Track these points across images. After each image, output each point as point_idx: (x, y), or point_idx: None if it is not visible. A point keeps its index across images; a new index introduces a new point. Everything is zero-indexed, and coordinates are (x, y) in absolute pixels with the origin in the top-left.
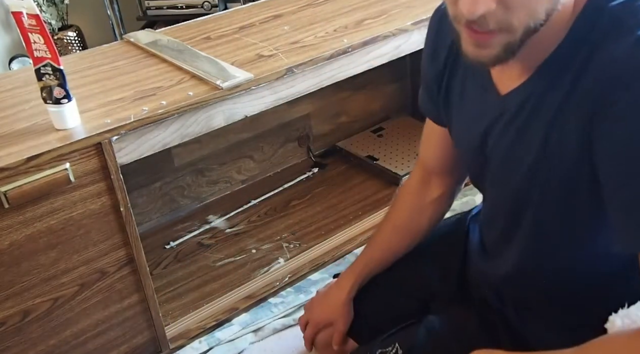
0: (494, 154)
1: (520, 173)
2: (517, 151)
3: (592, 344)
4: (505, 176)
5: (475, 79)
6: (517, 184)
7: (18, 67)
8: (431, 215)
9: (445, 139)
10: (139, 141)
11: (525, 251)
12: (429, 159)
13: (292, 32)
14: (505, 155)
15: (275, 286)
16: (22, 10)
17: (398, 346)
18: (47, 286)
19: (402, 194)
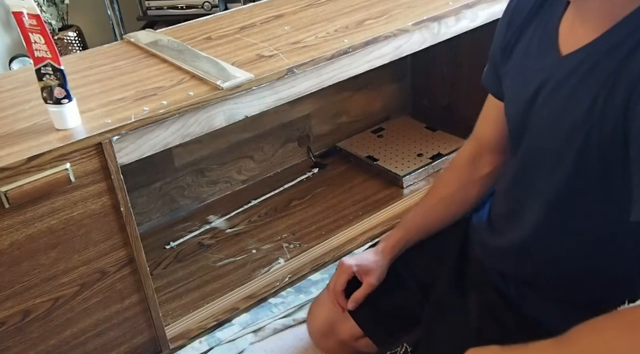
0: (540, 112)
1: (561, 133)
2: (563, 111)
3: (579, 332)
4: (545, 135)
5: (543, 39)
6: (555, 144)
7: (18, 67)
8: (479, 190)
9: (497, 113)
10: (140, 141)
11: (540, 223)
12: (484, 134)
13: (293, 32)
14: (550, 113)
15: (275, 286)
16: (22, 10)
17: (406, 345)
18: (48, 286)
19: (452, 167)
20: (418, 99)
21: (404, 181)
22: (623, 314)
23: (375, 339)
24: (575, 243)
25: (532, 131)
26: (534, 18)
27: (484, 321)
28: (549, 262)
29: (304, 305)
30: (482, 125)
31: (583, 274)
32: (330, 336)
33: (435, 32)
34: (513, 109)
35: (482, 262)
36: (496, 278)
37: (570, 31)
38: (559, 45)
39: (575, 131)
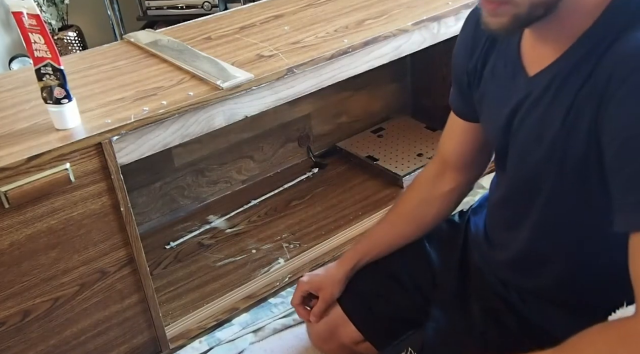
0: (519, 132)
1: (541, 150)
2: (540, 128)
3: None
4: (527, 152)
5: (507, 61)
6: (537, 161)
7: (18, 67)
8: (439, 207)
9: (466, 133)
10: (140, 141)
11: (535, 234)
12: (447, 151)
13: (292, 32)
14: (529, 132)
15: (275, 286)
16: (22, 10)
17: (411, 349)
18: (48, 286)
19: (415, 183)
20: (418, 99)
21: (404, 181)
22: (615, 327)
23: (376, 343)
24: (570, 255)
25: (514, 152)
26: (495, 41)
27: (487, 326)
28: (547, 273)
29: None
30: (444, 142)
31: (582, 281)
32: (330, 340)
33: (435, 32)
34: (493, 134)
35: (482, 269)
36: (497, 285)
37: (533, 52)
38: (525, 67)
39: (552, 150)
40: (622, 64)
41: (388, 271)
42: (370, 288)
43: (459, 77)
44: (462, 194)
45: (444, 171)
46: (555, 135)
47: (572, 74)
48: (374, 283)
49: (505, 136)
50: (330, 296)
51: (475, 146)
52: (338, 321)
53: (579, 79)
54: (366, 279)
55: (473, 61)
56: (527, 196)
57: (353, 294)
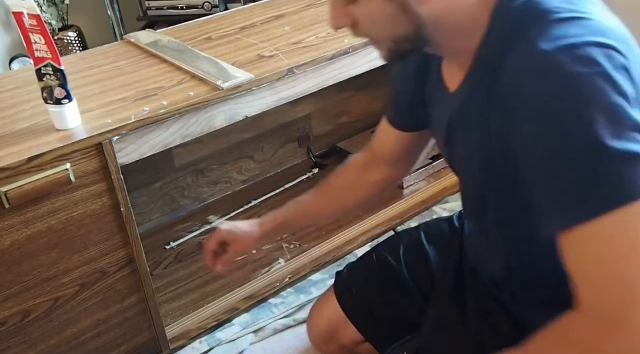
0: (455, 146)
1: (476, 166)
2: (467, 140)
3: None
4: (467, 167)
5: (436, 82)
6: (476, 176)
7: (18, 67)
8: (363, 194)
9: (395, 139)
10: (140, 141)
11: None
12: (377, 148)
13: (293, 32)
14: (461, 145)
15: (275, 286)
16: (22, 10)
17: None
18: (48, 286)
19: (346, 167)
20: None
21: (404, 181)
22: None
23: (377, 344)
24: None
25: (458, 165)
26: (428, 63)
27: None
28: (531, 276)
29: (304, 305)
30: (376, 140)
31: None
32: (330, 341)
33: None
34: (441, 149)
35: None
36: (491, 286)
37: (448, 71)
38: (446, 85)
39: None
40: (514, 78)
41: (388, 272)
42: (371, 288)
43: (396, 93)
44: (387, 187)
45: (373, 163)
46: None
47: (476, 90)
48: (373, 283)
49: (450, 151)
50: (243, 250)
51: (403, 150)
52: (338, 322)
53: (483, 93)
54: (366, 279)
55: (410, 82)
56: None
57: (353, 295)
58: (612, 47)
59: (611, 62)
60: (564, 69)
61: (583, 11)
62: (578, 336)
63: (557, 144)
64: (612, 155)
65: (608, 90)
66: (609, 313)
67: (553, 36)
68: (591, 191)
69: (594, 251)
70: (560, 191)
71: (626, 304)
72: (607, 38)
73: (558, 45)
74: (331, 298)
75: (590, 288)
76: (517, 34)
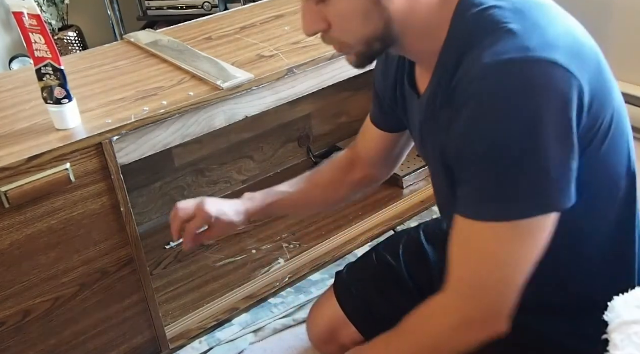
0: (427, 151)
1: (440, 171)
2: (435, 149)
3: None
4: (435, 172)
5: (408, 85)
6: (442, 181)
7: (18, 67)
8: (345, 193)
9: (378, 140)
10: (140, 141)
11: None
12: (360, 148)
13: (293, 32)
14: (432, 153)
15: (275, 286)
16: (23, 10)
17: None
18: (48, 286)
19: (331, 164)
20: None
21: (404, 181)
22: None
23: None
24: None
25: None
26: (404, 67)
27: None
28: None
29: (304, 305)
30: (360, 140)
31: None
32: (331, 341)
33: None
34: (422, 158)
35: None
36: None
37: (420, 75)
38: (418, 88)
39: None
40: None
41: (388, 272)
42: (371, 288)
43: (379, 96)
44: (369, 186)
45: (356, 162)
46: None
47: (437, 93)
48: (373, 283)
49: (424, 154)
50: (221, 235)
51: (385, 150)
52: (339, 322)
53: (442, 96)
54: (366, 279)
55: (390, 87)
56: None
57: (353, 295)
58: (555, 63)
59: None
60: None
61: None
62: (437, 311)
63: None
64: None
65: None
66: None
67: (498, 49)
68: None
69: (476, 245)
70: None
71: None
72: (554, 52)
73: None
74: (331, 298)
75: (458, 270)
76: (472, 43)
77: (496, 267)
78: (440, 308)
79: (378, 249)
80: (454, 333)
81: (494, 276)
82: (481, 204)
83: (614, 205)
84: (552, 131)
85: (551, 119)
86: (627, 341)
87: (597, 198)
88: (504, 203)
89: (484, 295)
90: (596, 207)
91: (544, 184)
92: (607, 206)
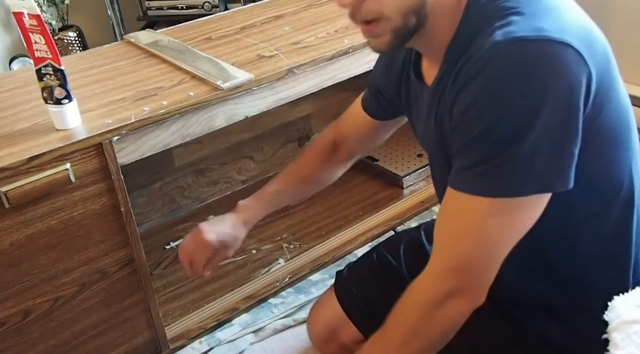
0: (429, 141)
1: (440, 158)
2: (436, 138)
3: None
4: (435, 163)
5: (414, 77)
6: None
7: (18, 67)
8: (336, 173)
9: (367, 125)
10: (140, 141)
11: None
12: (345, 129)
13: (293, 32)
14: (433, 138)
15: (275, 286)
16: (23, 10)
17: None
18: (48, 286)
19: (316, 149)
20: None
21: (404, 181)
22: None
23: None
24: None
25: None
26: (410, 66)
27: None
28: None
29: (304, 305)
30: (346, 122)
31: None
32: (331, 341)
33: None
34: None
35: None
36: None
37: (427, 67)
38: (425, 81)
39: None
40: (471, 62)
41: (389, 271)
42: (371, 287)
43: (377, 88)
44: (351, 162)
45: (342, 141)
46: (436, 146)
47: (444, 82)
48: (374, 282)
49: (426, 145)
50: (232, 254)
51: (369, 133)
52: (339, 322)
53: (448, 85)
54: (366, 279)
55: (394, 81)
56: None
57: (354, 295)
58: (568, 45)
59: (560, 60)
60: (512, 58)
61: (546, 7)
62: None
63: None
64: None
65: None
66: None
67: (510, 29)
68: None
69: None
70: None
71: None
72: (567, 35)
73: (512, 37)
74: (331, 297)
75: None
76: (483, 27)
77: (480, 241)
78: (425, 279)
79: (379, 249)
80: (437, 303)
81: (477, 249)
82: (473, 178)
83: (614, 203)
84: (555, 113)
85: (556, 101)
86: (627, 340)
87: (596, 193)
88: (497, 179)
89: (466, 267)
90: (596, 203)
91: (538, 165)
92: (607, 203)
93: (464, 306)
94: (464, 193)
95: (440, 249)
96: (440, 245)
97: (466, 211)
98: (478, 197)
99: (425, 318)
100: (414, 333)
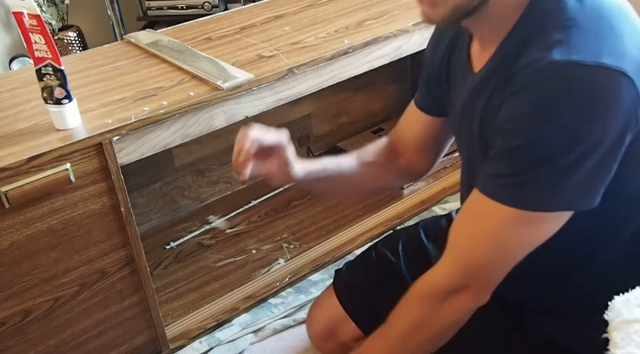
0: (462, 126)
1: (476, 152)
2: (472, 128)
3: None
4: (467, 153)
5: (461, 65)
6: (470, 158)
7: (18, 67)
8: (390, 179)
9: (422, 123)
10: (140, 142)
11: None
12: (401, 134)
13: (293, 32)
14: (466, 132)
15: (275, 286)
16: (23, 10)
17: None
18: (48, 286)
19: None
20: None
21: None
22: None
23: None
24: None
25: (461, 147)
26: (454, 49)
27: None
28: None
29: (304, 305)
30: (401, 127)
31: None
32: (330, 339)
33: None
34: (454, 131)
35: None
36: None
37: (477, 52)
38: (472, 65)
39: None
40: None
41: (387, 268)
42: (370, 284)
43: (429, 76)
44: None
45: (398, 149)
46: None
47: (495, 72)
48: (373, 279)
49: (458, 133)
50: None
51: (428, 135)
52: (338, 319)
53: (499, 77)
54: (365, 276)
55: (437, 63)
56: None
57: (353, 292)
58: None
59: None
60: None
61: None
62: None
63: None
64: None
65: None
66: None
67: (569, 49)
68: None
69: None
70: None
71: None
72: (623, 61)
73: (569, 59)
74: (330, 295)
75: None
76: (539, 35)
77: (496, 246)
78: (435, 272)
79: (377, 246)
80: (443, 297)
81: (492, 253)
82: (504, 186)
83: (634, 215)
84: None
85: (604, 133)
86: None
87: (620, 206)
88: (526, 192)
89: (477, 268)
90: (618, 216)
91: (571, 186)
92: (629, 215)
93: (468, 303)
94: (488, 198)
95: (456, 246)
96: (455, 242)
97: (489, 215)
98: (504, 205)
99: (430, 309)
100: (417, 325)
